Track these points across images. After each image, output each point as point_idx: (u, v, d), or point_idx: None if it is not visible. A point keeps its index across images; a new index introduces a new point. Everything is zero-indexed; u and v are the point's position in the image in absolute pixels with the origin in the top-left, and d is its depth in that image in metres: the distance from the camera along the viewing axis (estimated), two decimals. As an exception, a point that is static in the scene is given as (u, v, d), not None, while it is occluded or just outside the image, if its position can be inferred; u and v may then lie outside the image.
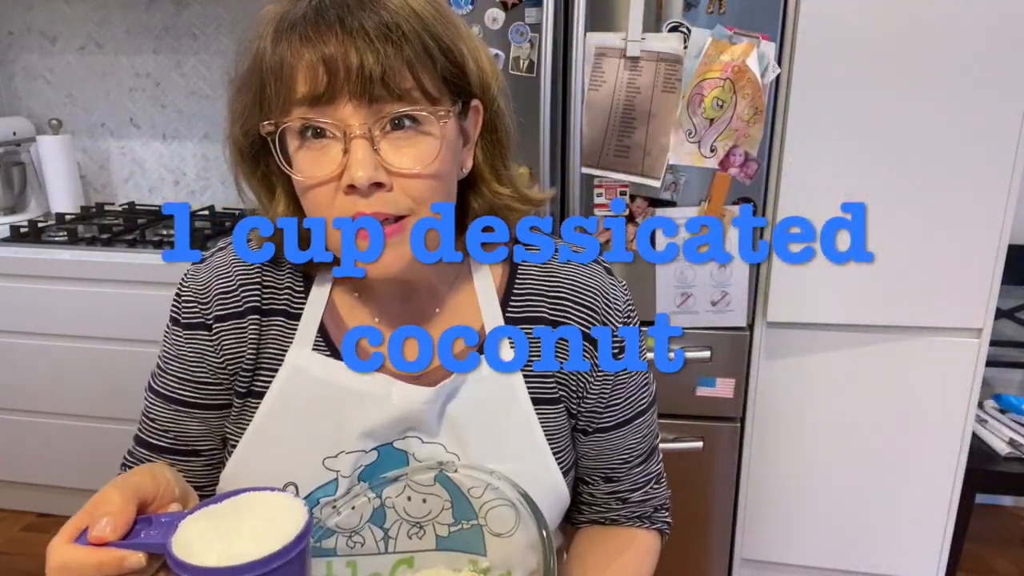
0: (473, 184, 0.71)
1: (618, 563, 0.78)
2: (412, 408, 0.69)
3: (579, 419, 0.77)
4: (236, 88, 0.65)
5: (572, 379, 0.75)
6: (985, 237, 1.57)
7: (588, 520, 0.84)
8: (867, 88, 1.51)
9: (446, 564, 0.71)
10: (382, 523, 0.70)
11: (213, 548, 0.48)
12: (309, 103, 0.59)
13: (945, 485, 1.74)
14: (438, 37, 0.61)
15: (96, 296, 1.94)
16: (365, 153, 0.59)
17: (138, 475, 0.55)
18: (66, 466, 2.16)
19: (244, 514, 0.52)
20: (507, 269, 0.76)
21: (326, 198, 0.61)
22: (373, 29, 0.58)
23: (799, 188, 1.59)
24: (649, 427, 0.80)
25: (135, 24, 2.35)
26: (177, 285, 0.76)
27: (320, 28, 0.58)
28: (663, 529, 0.84)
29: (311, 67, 0.58)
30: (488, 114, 0.69)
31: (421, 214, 0.62)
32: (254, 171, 0.69)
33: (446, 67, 0.62)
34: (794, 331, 1.70)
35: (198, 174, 2.48)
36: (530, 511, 0.63)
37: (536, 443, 0.73)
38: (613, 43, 1.52)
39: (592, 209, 1.62)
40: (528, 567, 0.69)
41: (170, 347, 0.75)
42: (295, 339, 0.72)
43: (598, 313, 0.74)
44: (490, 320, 0.73)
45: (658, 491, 0.83)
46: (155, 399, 0.76)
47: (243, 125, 0.65)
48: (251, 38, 0.63)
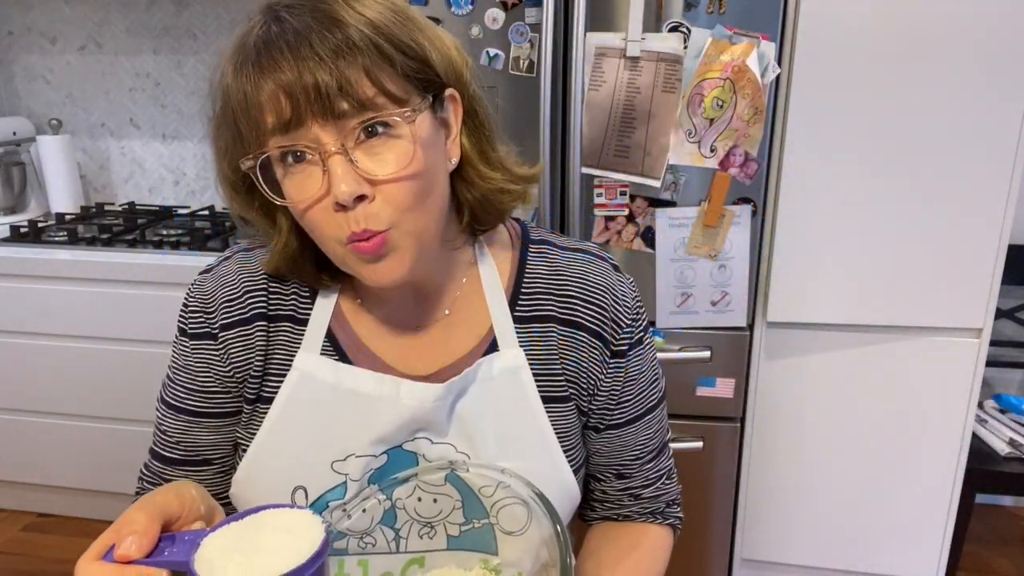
0: (464, 174, 0.71)
1: (632, 558, 0.78)
2: (422, 407, 0.69)
3: (590, 416, 0.77)
4: (215, 127, 0.66)
5: (582, 377, 0.75)
6: (985, 237, 1.57)
7: (601, 517, 0.84)
8: (867, 88, 1.51)
9: (457, 564, 0.71)
10: (393, 524, 0.71)
11: (233, 564, 0.50)
12: (280, 131, 0.59)
13: (945, 485, 1.74)
14: (392, 37, 0.60)
15: (96, 296, 1.95)
16: (343, 168, 0.59)
17: (163, 494, 0.57)
18: (66, 466, 2.16)
19: (264, 530, 0.53)
20: (515, 269, 0.76)
21: (322, 218, 0.62)
22: (323, 47, 0.58)
23: (799, 188, 1.59)
24: (660, 423, 0.81)
25: (135, 24, 2.35)
26: (184, 296, 0.76)
27: (272, 56, 0.58)
28: (675, 524, 0.85)
29: (273, 96, 0.58)
30: (466, 100, 0.68)
31: (404, 224, 0.63)
32: (251, 203, 0.69)
33: (406, 64, 0.61)
34: (794, 331, 1.70)
35: (198, 174, 2.48)
36: (544, 508, 0.63)
37: (546, 441, 0.73)
38: (613, 43, 1.52)
39: (592, 209, 1.62)
40: (538, 564, 0.69)
41: (178, 358, 0.76)
42: (303, 344, 0.73)
43: (607, 310, 0.74)
44: (498, 320, 0.74)
45: (669, 486, 0.84)
46: (166, 411, 0.77)
47: (230, 162, 0.66)
48: (216, 78, 0.63)
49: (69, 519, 2.26)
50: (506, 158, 0.73)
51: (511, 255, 0.77)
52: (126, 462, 0.82)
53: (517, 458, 0.71)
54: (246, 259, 0.76)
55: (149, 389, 0.80)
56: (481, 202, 0.72)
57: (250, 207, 0.69)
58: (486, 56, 1.57)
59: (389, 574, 0.72)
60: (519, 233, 0.79)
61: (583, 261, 0.76)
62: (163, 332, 1.93)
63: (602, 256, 0.78)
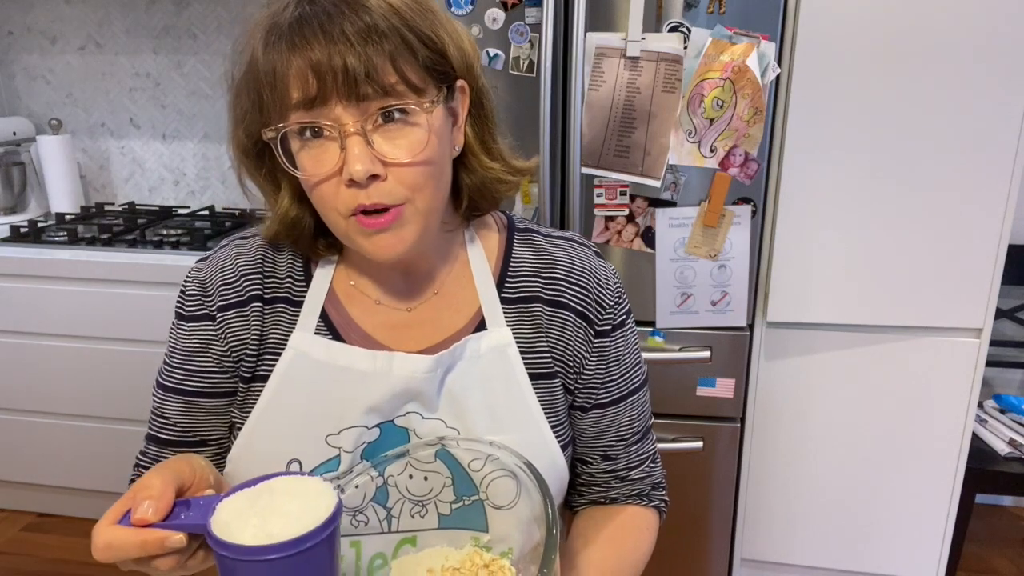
0: (465, 161, 0.74)
1: (619, 536, 0.81)
2: (414, 378, 0.72)
3: (576, 395, 0.80)
4: (235, 94, 0.69)
5: (568, 355, 0.78)
6: (985, 237, 1.57)
7: (588, 501, 0.86)
8: (867, 88, 1.51)
9: (448, 542, 0.73)
10: (385, 502, 0.72)
11: (250, 526, 0.51)
12: (304, 107, 0.62)
13: (945, 485, 1.74)
14: (416, 29, 0.64)
15: (96, 296, 1.94)
16: (361, 149, 0.62)
17: (175, 462, 0.59)
18: (66, 466, 2.16)
19: (278, 496, 0.54)
20: (502, 253, 0.80)
21: (331, 192, 0.65)
22: (353, 31, 0.61)
23: (799, 188, 1.59)
24: (643, 405, 0.84)
25: (135, 24, 2.35)
26: (182, 282, 0.79)
27: (305, 35, 0.61)
28: (660, 507, 0.87)
29: (301, 74, 0.61)
30: (474, 92, 0.72)
31: (416, 201, 0.66)
32: (259, 168, 0.73)
33: (427, 56, 0.65)
34: (794, 331, 1.70)
35: (198, 174, 2.48)
36: (531, 476, 0.65)
37: (534, 416, 0.75)
38: (613, 43, 1.52)
39: (592, 209, 1.62)
40: (530, 541, 0.70)
41: (176, 341, 0.78)
42: (297, 324, 0.75)
43: (591, 292, 0.78)
44: (486, 300, 0.77)
45: (654, 470, 0.86)
46: (164, 394, 0.78)
47: (246, 128, 0.69)
48: (243, 45, 0.67)
49: (69, 519, 2.26)
50: (505, 150, 0.77)
51: (498, 241, 0.81)
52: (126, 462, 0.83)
53: (506, 432, 0.73)
54: (242, 245, 0.79)
55: (149, 389, 0.81)
56: (480, 188, 0.75)
57: (257, 172, 0.73)
58: (486, 56, 1.57)
59: (382, 554, 0.73)
60: (505, 223, 0.83)
61: (567, 247, 0.80)
62: (163, 332, 1.92)
63: (584, 243, 0.81)
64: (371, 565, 0.73)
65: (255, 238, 0.79)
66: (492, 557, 0.67)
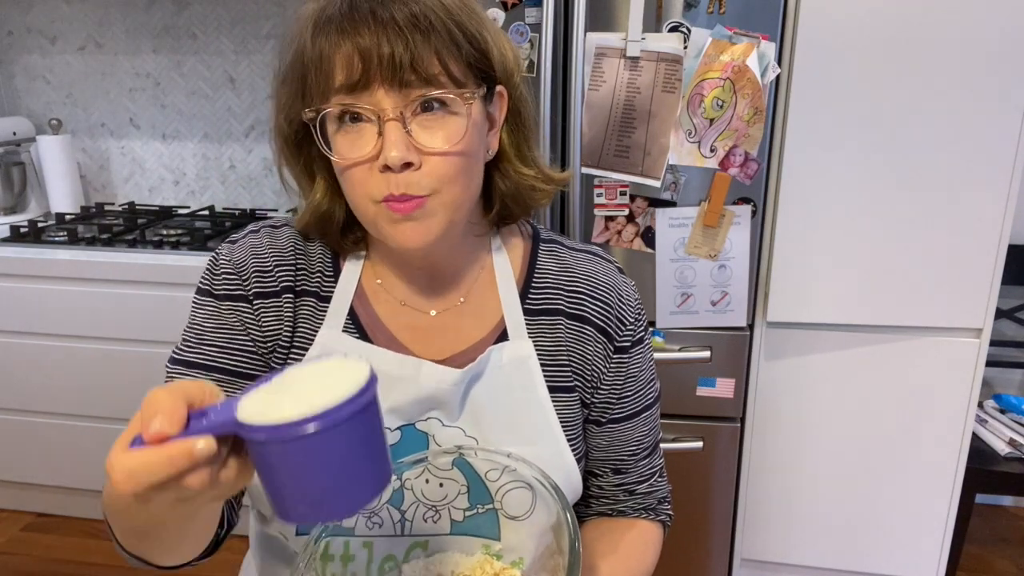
0: (499, 166, 0.75)
1: (625, 547, 0.81)
2: (440, 388, 0.73)
3: (592, 409, 0.80)
4: (280, 82, 0.70)
5: (587, 369, 0.78)
6: (985, 237, 1.57)
7: (596, 513, 0.87)
8: (867, 88, 1.51)
9: (459, 548, 0.73)
10: (400, 505, 0.72)
11: (284, 408, 0.44)
12: (346, 90, 0.64)
13: (945, 485, 1.74)
14: (463, 25, 0.65)
15: (96, 296, 1.94)
16: (398, 135, 0.63)
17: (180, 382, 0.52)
18: (66, 466, 2.16)
19: (305, 376, 0.48)
20: (526, 263, 0.80)
21: (363, 177, 0.66)
22: (402, 20, 0.62)
23: (799, 188, 1.59)
24: (655, 421, 0.85)
25: (135, 24, 2.35)
26: (208, 262, 0.77)
27: (355, 21, 0.63)
28: (665, 521, 0.88)
29: (347, 57, 0.63)
30: (512, 100, 0.73)
31: (443, 193, 0.66)
32: (297, 159, 0.74)
33: (471, 53, 0.66)
34: (794, 331, 1.70)
35: (198, 174, 2.48)
36: (549, 489, 0.65)
37: (552, 429, 0.76)
38: (613, 43, 1.52)
39: (592, 209, 1.62)
40: (540, 551, 0.70)
41: (206, 318, 0.75)
42: (325, 320, 0.75)
43: (612, 308, 0.78)
44: (509, 311, 0.77)
45: (661, 484, 0.87)
46: (188, 371, 0.74)
47: (287, 115, 0.70)
48: (292, 35, 0.68)
49: (69, 519, 2.26)
50: (540, 159, 0.79)
51: (523, 251, 0.81)
52: (126, 462, 0.83)
53: (524, 444, 0.73)
54: (275, 235, 0.78)
55: (149, 389, 0.80)
56: (513, 195, 0.76)
57: (295, 162, 0.74)
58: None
59: (393, 556, 0.73)
60: (531, 233, 0.83)
61: (591, 261, 0.81)
62: (163, 332, 1.93)
63: (608, 259, 0.82)
64: (382, 568, 0.73)
65: (286, 227, 0.79)
66: (503, 566, 0.67)
